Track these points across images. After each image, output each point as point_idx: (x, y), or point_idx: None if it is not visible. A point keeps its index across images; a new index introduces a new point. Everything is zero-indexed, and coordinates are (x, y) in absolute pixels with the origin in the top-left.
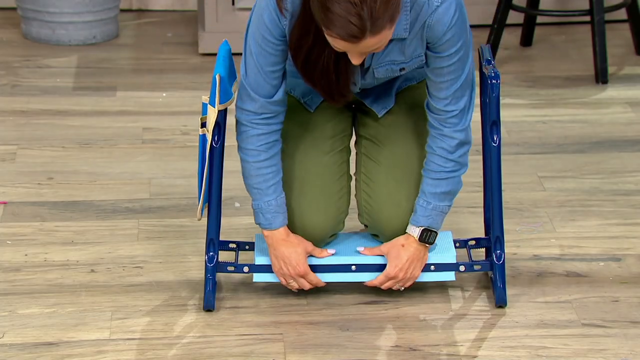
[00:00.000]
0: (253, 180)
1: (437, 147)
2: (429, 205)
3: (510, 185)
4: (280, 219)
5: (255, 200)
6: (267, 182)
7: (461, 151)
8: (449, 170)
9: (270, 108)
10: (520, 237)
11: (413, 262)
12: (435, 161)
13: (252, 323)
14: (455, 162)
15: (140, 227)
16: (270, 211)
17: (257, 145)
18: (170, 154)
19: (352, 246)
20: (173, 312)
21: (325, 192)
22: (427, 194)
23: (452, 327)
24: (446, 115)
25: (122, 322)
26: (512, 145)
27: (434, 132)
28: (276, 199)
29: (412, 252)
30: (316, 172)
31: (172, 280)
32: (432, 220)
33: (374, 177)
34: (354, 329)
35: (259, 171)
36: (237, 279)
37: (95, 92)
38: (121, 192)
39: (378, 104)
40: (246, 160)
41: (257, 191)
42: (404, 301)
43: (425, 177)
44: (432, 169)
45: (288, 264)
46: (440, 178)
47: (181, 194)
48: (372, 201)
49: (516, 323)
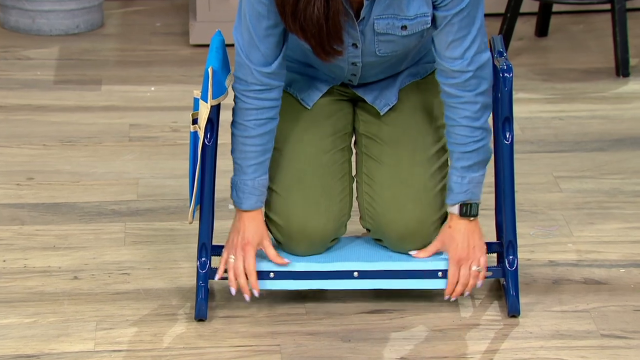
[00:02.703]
0: (235, 154)
1: (460, 118)
2: (464, 179)
3: (524, 186)
4: (252, 201)
5: (234, 174)
6: (248, 160)
7: (486, 115)
8: (477, 139)
9: (263, 80)
10: (535, 241)
11: (469, 237)
12: (460, 133)
13: (247, 334)
14: (483, 129)
15: (127, 230)
16: (244, 190)
17: (246, 120)
18: (159, 153)
19: (354, 251)
20: (162, 322)
21: (326, 193)
22: (459, 169)
23: (461, 338)
24: (464, 77)
25: (107, 332)
26: (526, 143)
27: (452, 102)
28: (253, 180)
29: (463, 228)
30: (315, 172)
31: (161, 288)
32: (471, 194)
33: (376, 178)
34: (357, 339)
35: (242, 147)
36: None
37: (78, 85)
38: (106, 193)
39: (380, 100)
40: (233, 133)
41: (237, 166)
42: (410, 310)
43: (453, 151)
44: (459, 141)
45: (241, 235)
46: (470, 150)
47: (171, 196)
48: (374, 204)
49: (530, 334)
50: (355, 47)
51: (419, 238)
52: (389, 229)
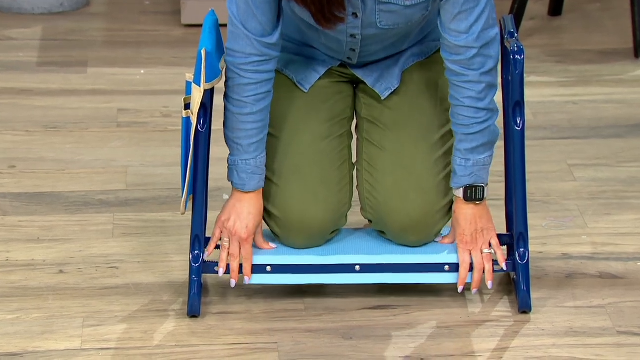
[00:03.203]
0: (234, 133)
1: (463, 98)
2: (468, 162)
3: (536, 174)
4: (256, 181)
5: (233, 155)
6: (250, 138)
7: (491, 95)
8: (482, 121)
9: (262, 50)
10: (547, 233)
11: (476, 221)
12: (464, 114)
13: (242, 331)
14: (487, 110)
15: (115, 222)
16: (246, 171)
17: (244, 96)
18: (149, 139)
19: (355, 244)
20: (153, 319)
21: (324, 183)
22: (463, 151)
23: (469, 336)
24: (469, 53)
25: (95, 329)
26: (538, 129)
27: (456, 80)
28: (256, 158)
29: (469, 213)
30: (313, 159)
31: (152, 283)
32: (476, 177)
33: (377, 165)
34: (358, 337)
35: (241, 125)
36: (226, 281)
37: (63, 68)
38: (93, 182)
39: (381, 83)
40: (229, 110)
41: (236, 146)
42: (415, 306)
43: (457, 132)
44: (462, 122)
45: (237, 219)
46: (474, 132)
47: (162, 185)
48: (376, 193)
49: (542, 331)
50: (355, 16)
51: (422, 229)
52: (391, 219)
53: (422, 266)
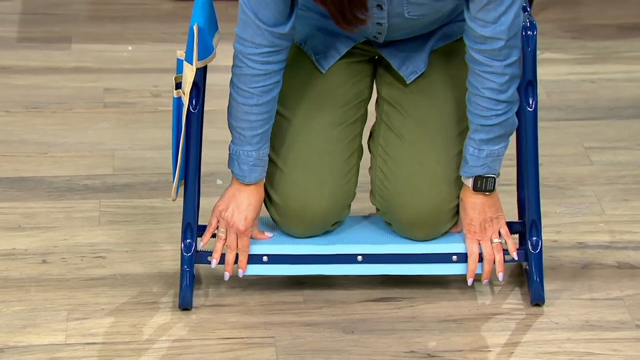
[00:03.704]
0: (238, 123)
1: (484, 88)
2: (482, 152)
3: (550, 158)
4: (257, 173)
5: (235, 144)
6: (253, 130)
7: (513, 87)
8: (501, 113)
9: (273, 41)
10: (562, 220)
11: (483, 210)
12: (483, 104)
13: (237, 324)
14: (508, 103)
15: (102, 208)
16: (247, 163)
17: (251, 87)
18: (137, 121)
19: (358, 233)
20: (142, 312)
21: (332, 174)
22: (477, 141)
23: (478, 329)
24: (496, 44)
25: (80, 323)
26: (553, 110)
27: (478, 69)
28: (258, 150)
29: (478, 203)
30: (323, 148)
31: (140, 273)
32: (488, 168)
33: (393, 154)
34: (361, 331)
35: (246, 116)
36: (220, 272)
37: (45, 44)
38: (78, 166)
39: (407, 66)
40: (235, 99)
41: (239, 136)
42: (420, 298)
43: (473, 122)
44: (480, 113)
45: (236, 210)
46: (492, 124)
47: (151, 169)
48: (387, 183)
49: (556, 324)
50: (380, 8)
51: (431, 226)
52: (400, 212)
53: (429, 256)
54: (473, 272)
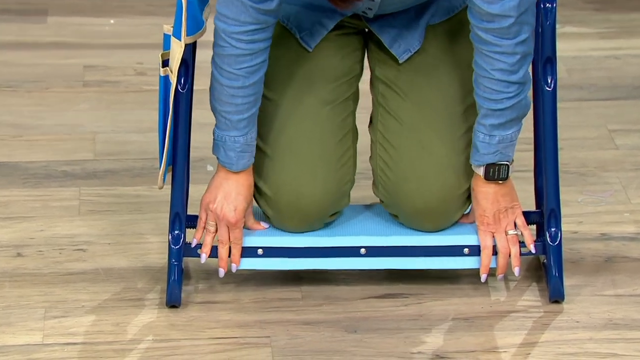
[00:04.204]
0: (222, 107)
1: (493, 70)
2: (493, 138)
3: (571, 141)
4: (245, 160)
5: (219, 129)
6: (240, 114)
7: (525, 66)
8: (512, 95)
9: (259, 18)
10: (584, 210)
11: (497, 200)
12: (493, 87)
13: (230, 323)
14: (520, 84)
15: (82, 197)
16: (234, 149)
17: (236, 68)
18: (120, 101)
19: (361, 223)
20: (126, 309)
21: (325, 157)
22: (487, 127)
23: (492, 328)
24: (505, 22)
25: (58, 321)
26: (574, 89)
27: (485, 50)
28: (246, 135)
29: (490, 192)
30: (313, 129)
31: (124, 268)
32: (500, 155)
33: (392, 140)
34: (364, 330)
35: (231, 99)
36: (211, 266)
37: (19, 17)
38: (56, 151)
39: (399, 44)
40: (218, 81)
41: (224, 120)
42: (429, 294)
43: (482, 106)
44: (490, 96)
45: (227, 202)
46: (503, 107)
47: (136, 154)
48: (389, 171)
49: (577, 323)
50: None
51: (440, 215)
52: (405, 203)
53: (438, 249)
54: (487, 267)
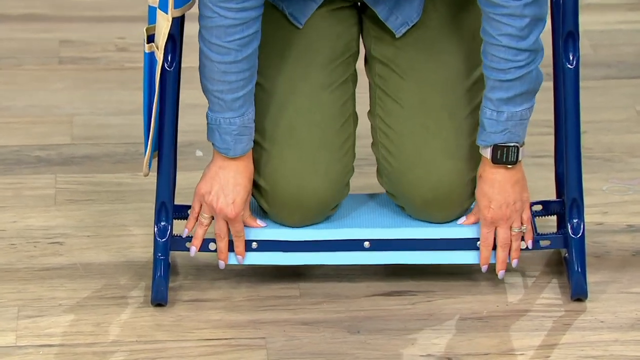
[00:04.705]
0: (214, 86)
1: (500, 35)
2: (501, 115)
3: (595, 124)
4: (244, 144)
5: (213, 112)
6: (234, 92)
7: (536, 32)
8: (522, 65)
9: None
10: (609, 199)
11: (505, 189)
12: (500, 55)
13: (221, 323)
14: (530, 52)
15: (58, 185)
16: (231, 132)
17: (226, 41)
18: (100, 80)
19: (364, 214)
20: (108, 308)
21: (326, 147)
22: (495, 102)
23: (508, 329)
24: None
25: (33, 322)
26: (599, 67)
27: (492, 12)
28: (242, 115)
29: (498, 179)
30: (312, 116)
31: (105, 262)
32: (509, 134)
33: (394, 125)
34: (368, 330)
35: (224, 76)
36: (201, 261)
37: None
38: (30, 134)
39: (396, 16)
40: (208, 57)
41: (217, 101)
42: (439, 292)
43: (490, 77)
44: (497, 66)
45: (221, 192)
46: (511, 78)
47: (117, 138)
48: (393, 159)
49: (601, 323)
50: None
51: (450, 204)
52: (412, 192)
53: (448, 242)
54: (486, 260)
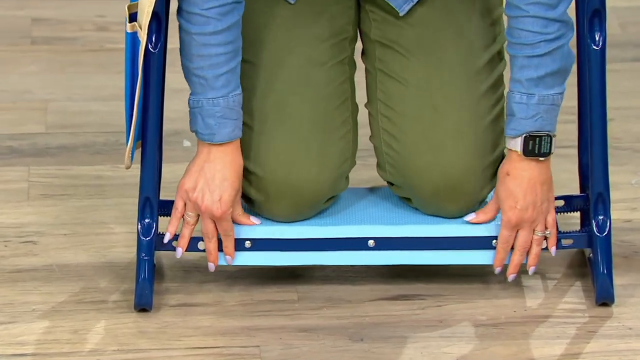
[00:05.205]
0: (194, 62)
1: (528, 5)
2: (532, 98)
3: (623, 111)
4: (230, 128)
5: (195, 94)
6: (216, 68)
7: (565, 3)
8: (553, 38)
9: None
10: (638, 194)
11: (534, 189)
12: (529, 27)
13: (211, 330)
14: (561, 23)
15: (31, 178)
16: (214, 114)
17: (205, 9)
18: (77, 63)
19: (367, 210)
20: (86, 313)
21: (319, 128)
22: (524, 83)
23: (526, 336)
24: None
25: (4, 328)
26: (628, 47)
27: None
28: (227, 96)
29: (527, 176)
30: (303, 93)
31: (83, 264)
32: (542, 121)
33: (398, 107)
34: (372, 338)
35: (204, 49)
36: (189, 261)
37: None
38: (0, 122)
39: None
40: (186, 30)
41: (198, 81)
42: (450, 296)
43: (516, 55)
44: (525, 40)
45: (206, 189)
46: (541, 53)
47: (97, 127)
48: (398, 145)
49: (629, 330)
50: None
51: (463, 194)
52: (420, 180)
53: (461, 241)
54: (501, 262)
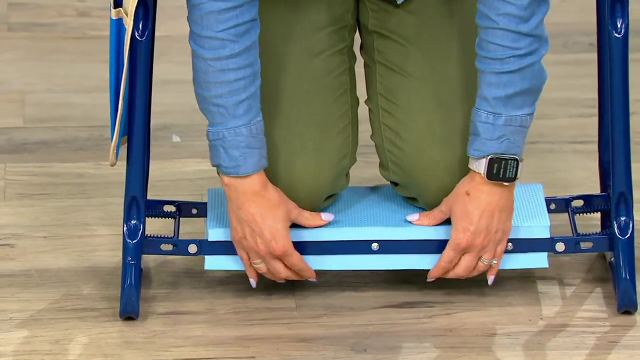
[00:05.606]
0: (211, 91)
1: (499, 16)
2: (499, 118)
3: None
4: (255, 159)
5: (214, 125)
6: (237, 94)
7: (539, 14)
8: (523, 53)
9: None
10: None
11: (491, 215)
12: (498, 41)
13: (203, 339)
14: (533, 38)
15: (7, 176)
16: (238, 145)
17: (219, 31)
18: (58, 51)
19: (370, 212)
20: (68, 322)
21: (316, 121)
22: (491, 101)
23: (542, 347)
24: None
25: None
26: None
27: None
28: (249, 124)
29: (487, 200)
30: (300, 86)
31: (65, 268)
32: (508, 143)
33: (400, 100)
34: (376, 348)
35: (221, 76)
36: (179, 266)
37: None
38: None
39: None
40: (201, 56)
41: (217, 110)
42: (459, 303)
43: (485, 71)
44: (494, 55)
45: (258, 234)
46: (511, 70)
47: (79, 121)
48: (400, 141)
49: None
50: None
51: None
52: (425, 178)
53: None
54: (435, 277)
